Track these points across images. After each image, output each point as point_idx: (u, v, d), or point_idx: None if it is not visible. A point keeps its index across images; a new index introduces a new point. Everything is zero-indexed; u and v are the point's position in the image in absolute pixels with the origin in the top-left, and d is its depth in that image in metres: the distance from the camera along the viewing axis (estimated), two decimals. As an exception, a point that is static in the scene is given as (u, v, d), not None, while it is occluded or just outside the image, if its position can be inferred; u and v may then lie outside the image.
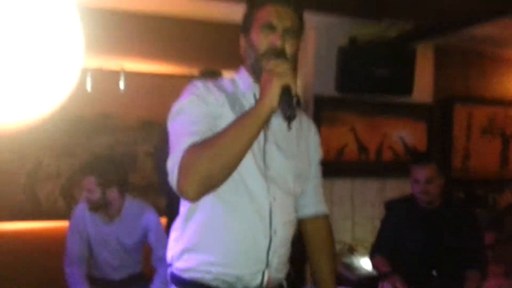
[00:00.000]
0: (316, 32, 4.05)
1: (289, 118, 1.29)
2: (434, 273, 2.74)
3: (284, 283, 1.56)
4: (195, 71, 3.82)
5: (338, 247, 4.08)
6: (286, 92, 1.28)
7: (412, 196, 2.84)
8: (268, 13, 1.44)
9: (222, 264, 1.40)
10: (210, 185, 1.28)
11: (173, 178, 1.29)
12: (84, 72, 3.65)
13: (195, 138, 1.31)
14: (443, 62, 4.44)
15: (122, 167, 2.77)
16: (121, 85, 3.65)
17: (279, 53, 1.39)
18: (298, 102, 1.33)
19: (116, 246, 2.74)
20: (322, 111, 4.08)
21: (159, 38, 3.66)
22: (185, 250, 1.45)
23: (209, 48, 3.87)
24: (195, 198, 1.29)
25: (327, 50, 4.04)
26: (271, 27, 1.43)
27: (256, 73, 1.45)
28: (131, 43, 3.57)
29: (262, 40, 1.43)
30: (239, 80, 1.53)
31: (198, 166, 1.24)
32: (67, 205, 3.59)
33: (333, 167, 4.11)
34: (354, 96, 4.06)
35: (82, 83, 3.62)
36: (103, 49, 3.66)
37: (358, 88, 3.94)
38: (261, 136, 1.45)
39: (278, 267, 1.48)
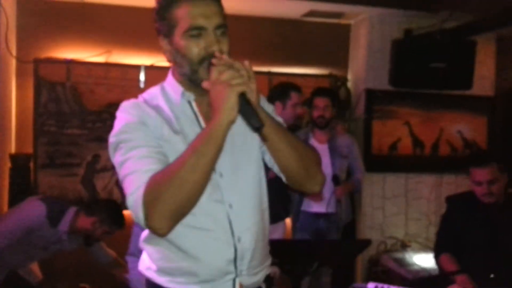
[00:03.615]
0: (368, 24, 3.95)
1: (258, 129, 1.16)
2: (492, 275, 2.63)
3: (263, 286, 1.45)
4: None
5: (389, 242, 4.02)
6: (243, 101, 1.15)
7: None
8: (189, 13, 1.25)
9: (189, 282, 1.33)
10: (180, 215, 1.21)
11: (138, 215, 1.19)
12: (138, 68, 3.75)
13: (151, 168, 1.20)
14: (506, 53, 4.20)
15: None
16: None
17: (213, 57, 1.24)
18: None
19: None
20: (374, 105, 3.99)
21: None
22: (152, 270, 1.39)
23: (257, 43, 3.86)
24: (167, 232, 1.21)
25: (379, 43, 3.94)
26: (199, 29, 1.25)
27: (194, 83, 1.31)
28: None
29: (192, 47, 1.26)
30: (169, 88, 1.39)
31: (164, 200, 1.16)
32: (122, 195, 3.72)
33: (385, 162, 4.05)
34: (409, 90, 3.93)
35: (136, 79, 3.74)
36: (154, 46, 3.73)
37: (414, 82, 3.82)
38: None
39: (251, 272, 1.38)
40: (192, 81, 1.31)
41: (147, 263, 1.42)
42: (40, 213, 2.49)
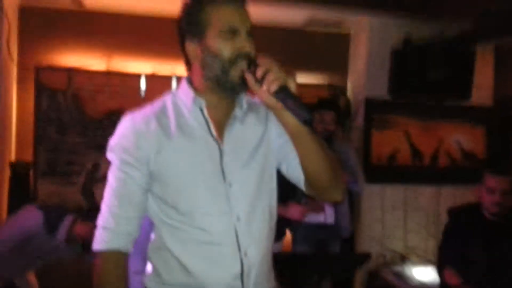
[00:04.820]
0: (368, 32, 3.96)
1: (309, 121, 1.11)
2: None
3: None
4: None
5: (388, 255, 4.00)
6: (289, 93, 1.12)
7: (478, 204, 2.67)
8: (226, 15, 1.28)
9: None
10: None
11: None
12: (138, 77, 3.76)
13: (113, 242, 1.32)
14: (504, 63, 4.22)
15: None
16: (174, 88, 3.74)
17: (251, 59, 1.25)
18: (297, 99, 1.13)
19: None
20: (374, 114, 3.99)
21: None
22: (155, 282, 1.39)
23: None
24: None
25: (379, 51, 3.95)
26: (234, 31, 1.28)
27: (223, 85, 1.30)
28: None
29: (226, 47, 1.27)
30: (181, 95, 1.37)
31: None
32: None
33: (384, 173, 4.03)
34: (408, 99, 3.94)
35: (137, 87, 3.75)
36: (155, 54, 3.76)
37: (413, 91, 3.82)
38: (216, 152, 1.32)
39: (258, 286, 1.34)
40: (220, 83, 1.30)
41: (151, 275, 1.40)
42: (37, 221, 2.48)
